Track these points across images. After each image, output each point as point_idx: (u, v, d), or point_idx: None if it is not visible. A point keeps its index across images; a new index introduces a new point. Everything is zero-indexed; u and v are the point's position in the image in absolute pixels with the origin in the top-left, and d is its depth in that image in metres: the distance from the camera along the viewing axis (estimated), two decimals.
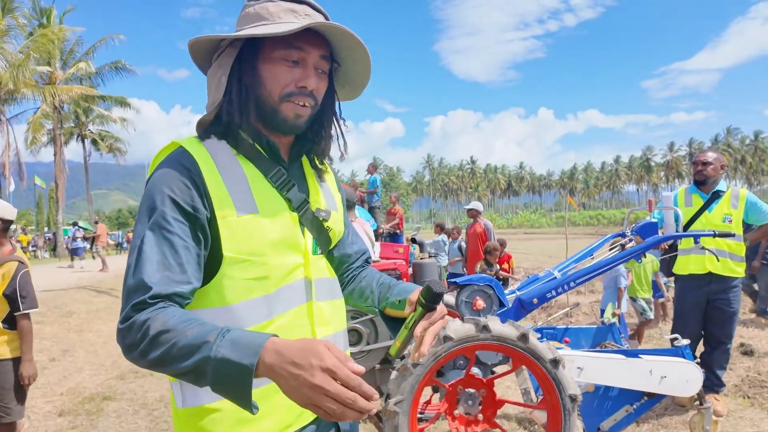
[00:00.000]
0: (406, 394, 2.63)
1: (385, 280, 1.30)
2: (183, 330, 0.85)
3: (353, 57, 1.12)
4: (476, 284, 3.22)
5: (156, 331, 0.86)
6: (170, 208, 0.97)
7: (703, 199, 4.07)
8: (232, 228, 1.01)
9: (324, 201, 1.20)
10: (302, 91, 1.06)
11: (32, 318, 3.11)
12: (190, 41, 1.09)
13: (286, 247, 1.07)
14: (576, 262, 3.72)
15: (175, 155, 1.04)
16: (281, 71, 1.05)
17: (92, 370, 6.00)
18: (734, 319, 4.02)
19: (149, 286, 0.91)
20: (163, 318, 0.87)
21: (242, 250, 1.01)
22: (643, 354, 3.20)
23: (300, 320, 1.08)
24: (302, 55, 1.06)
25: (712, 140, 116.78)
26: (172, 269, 0.94)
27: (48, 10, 27.93)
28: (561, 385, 2.65)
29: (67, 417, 4.44)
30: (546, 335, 3.61)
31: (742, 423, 3.74)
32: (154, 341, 0.86)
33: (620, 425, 3.14)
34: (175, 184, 0.98)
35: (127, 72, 29.38)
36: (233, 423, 1.02)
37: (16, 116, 27.52)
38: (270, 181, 1.08)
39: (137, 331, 0.88)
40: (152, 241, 0.95)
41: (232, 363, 0.79)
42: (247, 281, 1.02)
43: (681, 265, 4.13)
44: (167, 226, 0.96)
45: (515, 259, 9.54)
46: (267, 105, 1.07)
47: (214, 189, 1.01)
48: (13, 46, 22.13)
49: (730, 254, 3.92)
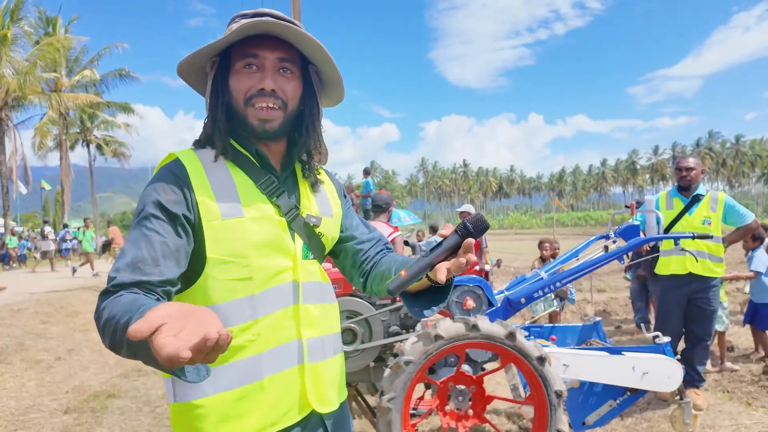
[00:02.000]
0: (398, 391, 2.64)
1: (405, 259, 1.23)
2: (125, 312, 0.84)
3: (315, 54, 1.13)
4: (466, 285, 3.24)
5: (104, 319, 0.87)
6: (153, 208, 1.01)
7: (684, 202, 4.09)
8: (216, 230, 1.03)
9: (316, 207, 1.20)
10: (261, 93, 1.08)
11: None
12: (177, 68, 1.13)
13: (272, 250, 1.08)
14: (562, 263, 3.74)
15: (168, 165, 1.08)
16: (243, 79, 1.09)
17: (97, 369, 5.98)
18: (713, 318, 4.06)
19: (113, 276, 0.94)
20: (111, 306, 0.88)
21: (225, 251, 1.03)
22: (625, 351, 3.23)
23: (286, 321, 1.09)
24: (258, 61, 1.08)
25: (694, 144, 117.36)
26: (144, 261, 0.96)
27: (54, 19, 27.81)
28: (547, 382, 2.67)
29: (73, 414, 4.43)
30: (533, 333, 3.63)
31: (721, 416, 3.76)
32: (104, 330, 0.87)
33: (604, 419, 3.16)
34: (162, 188, 1.03)
35: (130, 79, 29.31)
36: (219, 419, 1.03)
37: (23, 122, 27.41)
38: (259, 188, 1.10)
39: (97, 320, 0.90)
40: (132, 239, 0.99)
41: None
42: (231, 281, 1.03)
43: (662, 265, 4.16)
44: (147, 224, 1.00)
45: (506, 259, 9.56)
46: (237, 113, 1.10)
47: (201, 193, 1.04)
48: (20, 54, 22.04)
49: (709, 255, 3.95)
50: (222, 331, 0.67)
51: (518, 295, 3.35)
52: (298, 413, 1.09)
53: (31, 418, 4.37)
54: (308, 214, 1.17)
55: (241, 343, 1.03)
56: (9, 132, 22.56)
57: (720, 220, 4.02)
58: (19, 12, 21.86)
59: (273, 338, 1.07)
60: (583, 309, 8.08)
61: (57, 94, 24.59)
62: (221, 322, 0.70)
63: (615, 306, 8.72)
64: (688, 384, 3.83)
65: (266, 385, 1.05)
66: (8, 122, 22.27)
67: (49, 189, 31.77)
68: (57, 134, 28.31)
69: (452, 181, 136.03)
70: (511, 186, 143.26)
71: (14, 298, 9.19)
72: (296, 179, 1.21)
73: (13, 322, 7.25)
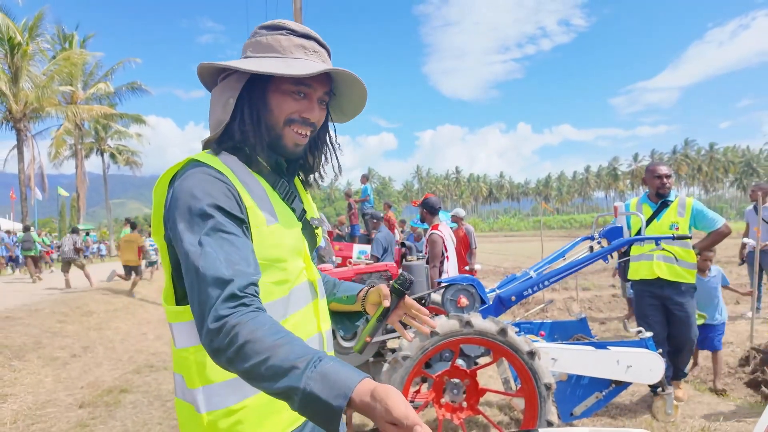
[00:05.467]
0: (396, 385, 2.63)
1: (329, 278, 1.33)
2: (271, 346, 0.77)
3: (351, 91, 1.12)
4: (460, 284, 3.23)
5: (244, 340, 0.78)
6: (219, 214, 0.92)
7: (653, 208, 3.89)
8: (263, 237, 0.99)
9: (314, 211, 1.22)
10: (305, 121, 1.06)
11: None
12: (199, 66, 1.07)
13: (296, 253, 1.08)
14: (550, 263, 3.74)
15: (202, 169, 0.98)
16: (288, 101, 1.05)
17: (110, 365, 5.94)
18: (689, 322, 3.78)
19: (228, 279, 0.84)
20: (252, 326, 0.79)
21: (269, 257, 1.00)
22: (610, 346, 3.22)
23: (308, 317, 1.10)
24: (309, 90, 1.06)
25: (671, 151, 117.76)
26: (240, 264, 0.88)
27: (70, 36, 27.84)
28: (537, 375, 2.66)
29: (87, 408, 4.40)
30: (523, 329, 3.61)
31: (700, 407, 3.75)
32: (240, 351, 0.78)
33: (591, 410, 3.15)
34: (216, 193, 0.94)
35: (142, 92, 29.31)
36: (258, 419, 0.99)
37: (40, 132, 27.43)
38: (278, 194, 1.09)
39: (225, 336, 0.79)
40: (213, 244, 0.88)
41: (321, 401, 0.72)
42: (269, 285, 1.01)
43: (633, 270, 3.97)
44: (223, 228, 0.91)
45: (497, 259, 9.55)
46: (272, 130, 1.06)
47: (246, 200, 0.99)
48: (38, 69, 21.98)
49: (678, 260, 3.71)
50: None
51: (509, 293, 3.34)
52: None
53: (48, 412, 4.33)
54: (312, 217, 1.18)
55: None
56: (27, 142, 22.46)
57: (688, 225, 3.77)
58: (37, 29, 21.82)
59: (300, 335, 1.04)
60: (569, 306, 8.07)
61: (73, 106, 24.57)
62: None
63: (599, 303, 8.72)
64: (670, 377, 3.78)
65: None
66: (27, 132, 22.18)
67: (66, 195, 31.63)
68: (73, 144, 28.28)
69: (445, 186, 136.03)
70: (501, 191, 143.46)
71: (32, 298, 9.14)
72: (296, 183, 1.22)
73: (30, 321, 7.20)
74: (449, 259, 4.69)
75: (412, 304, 1.15)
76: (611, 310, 8.19)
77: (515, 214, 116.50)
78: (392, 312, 1.12)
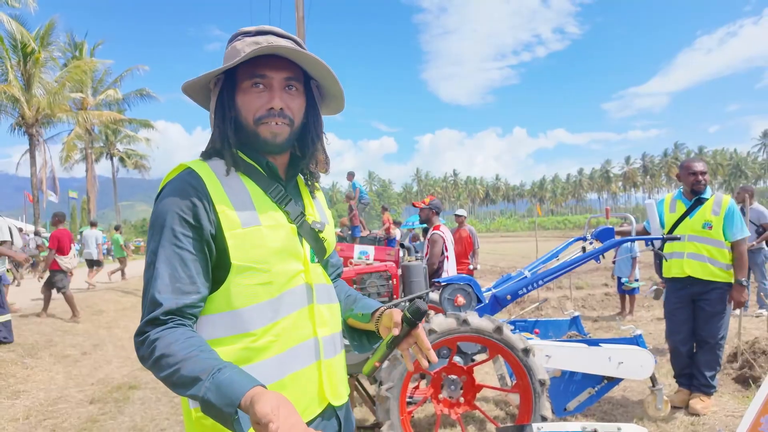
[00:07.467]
0: (396, 381, 2.63)
1: (351, 293, 1.30)
2: (182, 359, 0.85)
3: (319, 72, 1.09)
4: (457, 283, 3.24)
5: (160, 353, 0.87)
6: (179, 224, 0.96)
7: (686, 205, 3.71)
8: (239, 238, 0.99)
9: (318, 214, 1.19)
10: (271, 113, 1.04)
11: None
12: (182, 87, 1.10)
13: (288, 256, 1.06)
14: (544, 263, 3.73)
15: (183, 175, 1.02)
16: (251, 98, 1.05)
17: (120, 363, 5.94)
18: (716, 319, 3.56)
19: (160, 302, 0.91)
20: (168, 340, 0.88)
21: (248, 259, 0.99)
22: (602, 343, 3.23)
23: (302, 322, 1.06)
24: (266, 80, 1.05)
25: (662, 154, 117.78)
26: (182, 281, 0.94)
27: (80, 44, 27.84)
28: (531, 371, 2.67)
29: (97, 404, 4.40)
30: (518, 327, 3.62)
31: None
32: (157, 363, 0.87)
33: (584, 405, 3.16)
34: (183, 202, 0.97)
35: (150, 98, 29.31)
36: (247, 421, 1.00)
37: (52, 137, 27.30)
38: (270, 197, 1.07)
39: (147, 348, 0.89)
40: (164, 257, 0.95)
41: (216, 407, 0.80)
42: (253, 287, 1.00)
43: (666, 269, 3.83)
44: (177, 242, 0.95)
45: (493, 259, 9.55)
46: (247, 130, 1.06)
47: (220, 204, 0.99)
48: (50, 76, 21.99)
49: (710, 259, 3.54)
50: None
51: (504, 292, 3.35)
52: (317, 407, 1.07)
53: (59, 408, 4.34)
54: (313, 221, 1.15)
55: (264, 345, 1.00)
56: (39, 146, 22.45)
57: (722, 224, 3.55)
58: (48, 37, 21.83)
59: (292, 338, 1.04)
60: (563, 305, 8.07)
61: (83, 112, 24.56)
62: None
63: (592, 302, 8.72)
64: (695, 389, 3.61)
65: (287, 383, 1.02)
66: (39, 137, 22.16)
67: (77, 198, 31.65)
68: (83, 148, 28.26)
69: (443, 188, 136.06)
70: (497, 193, 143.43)
71: None
72: (299, 188, 1.19)
73: (42, 320, 7.21)
74: (449, 259, 4.72)
75: (422, 339, 1.05)
76: (604, 309, 8.20)
77: (511, 215, 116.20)
78: (402, 340, 1.06)
